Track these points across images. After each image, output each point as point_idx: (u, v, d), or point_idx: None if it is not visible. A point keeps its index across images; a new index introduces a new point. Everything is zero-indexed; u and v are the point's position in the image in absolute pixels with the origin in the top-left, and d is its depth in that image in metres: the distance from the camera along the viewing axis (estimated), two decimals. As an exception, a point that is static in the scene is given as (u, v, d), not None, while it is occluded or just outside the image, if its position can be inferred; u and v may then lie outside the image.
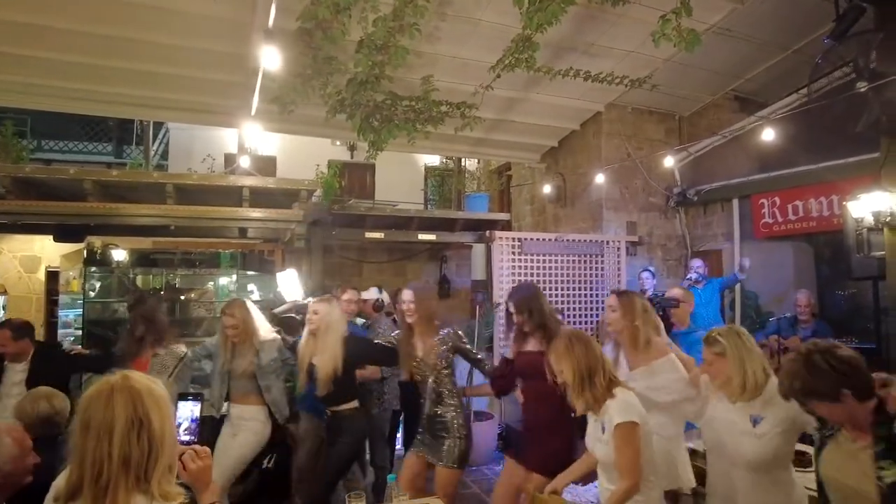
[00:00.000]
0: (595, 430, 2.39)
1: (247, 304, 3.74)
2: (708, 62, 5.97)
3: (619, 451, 2.22)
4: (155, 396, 1.41)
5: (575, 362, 2.34)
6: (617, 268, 6.64)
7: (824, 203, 5.67)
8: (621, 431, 2.22)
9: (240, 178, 4.83)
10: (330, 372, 3.21)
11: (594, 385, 2.31)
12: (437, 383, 3.20)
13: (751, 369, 2.30)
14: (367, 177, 8.61)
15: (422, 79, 5.23)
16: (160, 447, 1.37)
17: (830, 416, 1.86)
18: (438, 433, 3.16)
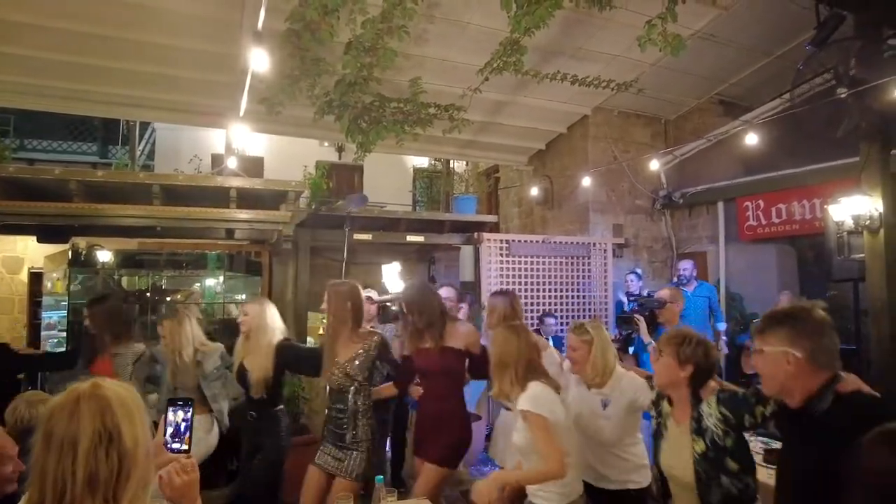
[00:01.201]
0: (515, 418, 2.51)
1: (179, 317, 3.56)
2: (693, 67, 6.04)
3: (533, 438, 2.34)
4: (127, 406, 1.26)
5: (499, 351, 2.49)
6: (604, 269, 6.69)
7: (807, 206, 5.76)
8: (528, 420, 2.35)
9: (227, 179, 4.81)
10: (261, 374, 3.16)
11: (506, 375, 2.44)
12: (357, 391, 3.04)
13: (608, 358, 2.70)
14: (355, 178, 8.61)
15: (410, 81, 5.24)
16: (132, 463, 1.22)
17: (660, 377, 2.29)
18: (345, 446, 3.00)
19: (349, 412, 3.00)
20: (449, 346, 3.10)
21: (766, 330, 1.81)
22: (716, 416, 2.07)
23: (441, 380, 3.12)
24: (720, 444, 2.04)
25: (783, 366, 1.73)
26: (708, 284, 6.18)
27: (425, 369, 3.18)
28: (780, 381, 1.77)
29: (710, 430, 2.07)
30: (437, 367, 3.08)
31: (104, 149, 12.67)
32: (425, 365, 3.15)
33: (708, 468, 2.06)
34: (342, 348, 3.04)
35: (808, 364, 1.70)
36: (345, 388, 3.01)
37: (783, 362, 1.73)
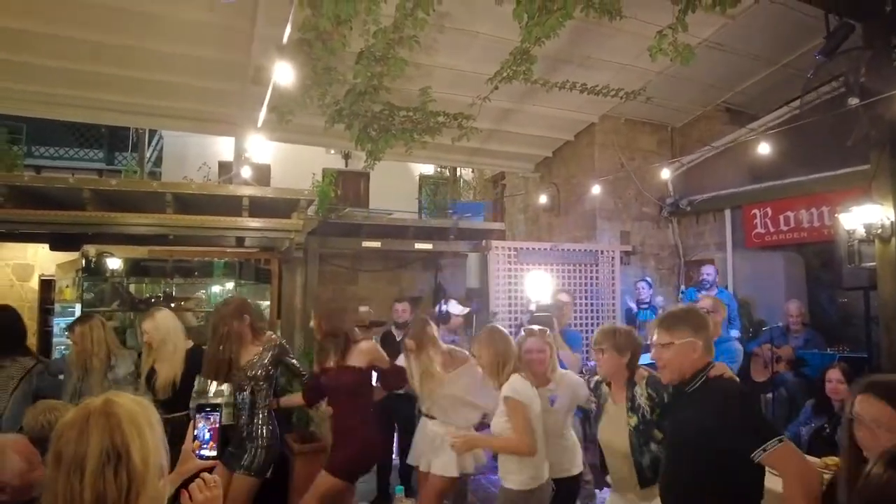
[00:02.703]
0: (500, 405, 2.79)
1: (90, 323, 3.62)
2: (700, 75, 6.07)
3: (512, 420, 2.67)
4: (138, 424, 1.22)
5: (493, 351, 2.82)
6: (611, 277, 6.70)
7: (815, 214, 5.77)
8: (507, 405, 2.69)
9: (239, 188, 4.83)
10: (169, 377, 3.39)
11: (503, 369, 2.79)
12: (255, 392, 3.26)
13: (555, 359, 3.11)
14: (362, 185, 8.65)
15: (420, 90, 5.27)
16: (141, 483, 1.19)
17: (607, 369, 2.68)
18: (244, 442, 3.22)
19: (247, 410, 3.25)
20: (350, 364, 3.24)
21: (674, 327, 2.13)
22: (645, 396, 2.56)
23: (341, 397, 3.27)
24: (649, 418, 2.51)
25: (690, 354, 2.08)
26: (726, 291, 6.17)
27: (328, 387, 3.34)
28: (683, 367, 2.10)
29: (641, 408, 2.56)
30: (336, 385, 3.25)
31: (111, 155, 12.75)
32: (327, 383, 3.32)
33: (640, 438, 2.51)
34: (244, 353, 3.28)
35: (683, 349, 2.08)
36: (244, 388, 3.26)
37: (690, 351, 2.08)
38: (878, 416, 1.54)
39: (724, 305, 4.07)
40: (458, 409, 3.31)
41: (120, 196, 4.46)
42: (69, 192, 4.25)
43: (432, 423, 3.39)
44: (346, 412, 3.27)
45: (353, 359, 3.25)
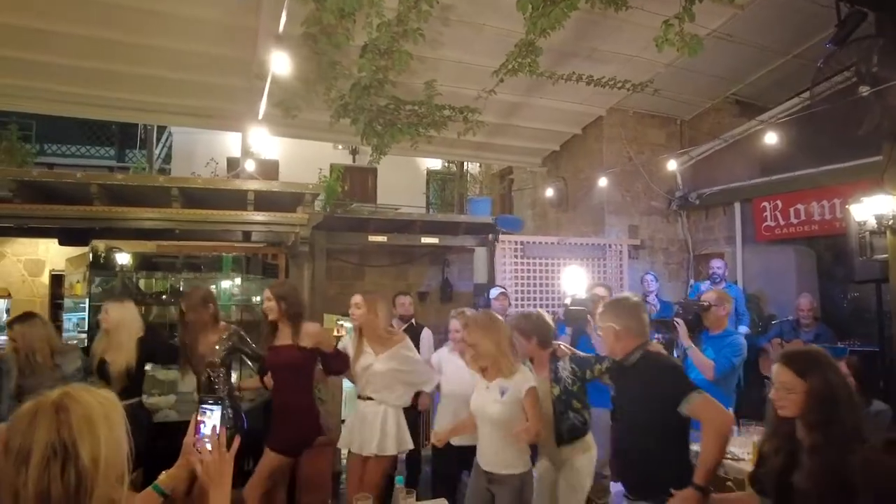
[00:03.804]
0: (492, 393, 2.81)
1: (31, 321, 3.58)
2: (709, 67, 5.99)
3: (532, 407, 2.74)
4: (91, 420, 1.15)
5: (497, 336, 2.83)
6: (619, 271, 6.66)
7: (826, 206, 5.69)
8: (531, 395, 2.76)
9: (245, 182, 4.85)
10: (123, 367, 3.48)
11: (508, 356, 2.82)
12: (211, 380, 3.40)
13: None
14: (369, 180, 8.65)
15: (425, 83, 5.26)
16: (92, 483, 1.11)
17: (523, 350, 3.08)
18: None
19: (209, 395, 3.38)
20: (297, 344, 3.34)
21: (603, 314, 2.66)
22: (568, 370, 3.06)
23: (283, 374, 3.37)
24: (570, 390, 3.02)
25: (612, 334, 2.56)
26: (736, 286, 6.11)
27: (274, 365, 3.43)
28: (610, 344, 2.60)
29: (563, 380, 3.05)
30: (283, 363, 3.35)
31: (121, 153, 12.86)
32: (274, 361, 3.42)
33: (561, 406, 2.99)
34: (202, 341, 3.44)
35: (624, 333, 2.53)
36: (201, 374, 3.42)
37: (612, 332, 2.56)
38: (785, 381, 1.86)
39: (729, 299, 4.02)
40: (392, 388, 3.42)
41: (127, 191, 4.49)
42: (77, 187, 4.28)
43: (366, 404, 3.46)
44: (285, 389, 3.38)
45: (299, 339, 3.35)
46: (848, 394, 1.81)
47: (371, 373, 3.40)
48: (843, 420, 1.75)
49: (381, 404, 3.41)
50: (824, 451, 1.73)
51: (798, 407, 1.82)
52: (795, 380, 1.84)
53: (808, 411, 1.80)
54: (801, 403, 1.82)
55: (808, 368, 1.84)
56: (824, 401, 1.78)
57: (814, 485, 1.74)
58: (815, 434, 1.77)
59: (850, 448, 1.67)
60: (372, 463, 3.36)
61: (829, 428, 1.74)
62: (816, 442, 1.76)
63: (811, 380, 1.81)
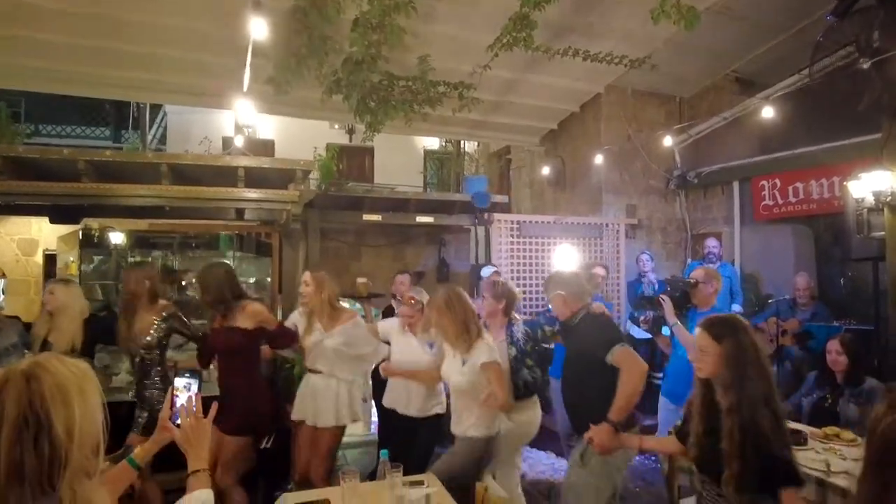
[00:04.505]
0: (455, 363, 3.02)
1: None
2: (708, 43, 5.89)
3: (494, 381, 2.91)
4: (64, 391, 1.13)
5: (453, 316, 2.96)
6: (616, 250, 6.62)
7: (825, 185, 5.62)
8: (490, 369, 2.92)
9: (235, 159, 4.79)
10: (66, 350, 3.41)
11: (469, 332, 2.97)
12: (144, 361, 3.43)
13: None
14: (366, 160, 8.56)
15: (418, 58, 5.16)
16: (66, 454, 1.10)
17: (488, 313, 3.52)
18: (141, 408, 3.43)
19: (139, 376, 3.46)
20: (236, 325, 3.30)
21: (548, 287, 3.11)
22: (522, 332, 3.46)
23: (228, 358, 3.35)
24: (524, 349, 3.41)
25: (561, 301, 2.99)
26: (730, 265, 6.08)
27: (215, 347, 3.43)
28: (560, 309, 3.02)
29: (518, 341, 3.42)
30: (224, 346, 3.34)
31: (117, 133, 12.76)
32: (214, 344, 3.42)
33: (517, 365, 3.34)
34: (138, 321, 3.43)
35: (568, 298, 2.98)
36: (135, 354, 3.44)
37: (560, 299, 2.99)
38: (703, 345, 2.06)
39: (717, 277, 3.99)
40: (342, 362, 3.51)
41: (115, 167, 4.44)
42: (64, 164, 4.23)
43: (316, 377, 3.53)
44: (230, 371, 3.37)
45: (239, 320, 3.32)
46: (757, 357, 1.97)
47: (321, 348, 3.49)
48: (751, 380, 1.92)
49: (332, 377, 3.50)
50: (738, 411, 1.90)
51: (713, 368, 2.02)
52: (711, 343, 2.03)
53: (721, 372, 1.99)
54: (715, 365, 2.01)
55: (723, 333, 2.02)
56: (735, 362, 1.95)
57: (730, 443, 1.89)
58: (730, 394, 1.94)
59: (759, 407, 1.88)
60: (322, 433, 3.46)
61: (741, 388, 1.91)
62: (731, 402, 1.93)
63: (725, 343, 1.99)
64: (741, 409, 1.90)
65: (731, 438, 1.89)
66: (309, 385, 3.57)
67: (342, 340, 3.48)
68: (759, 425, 1.85)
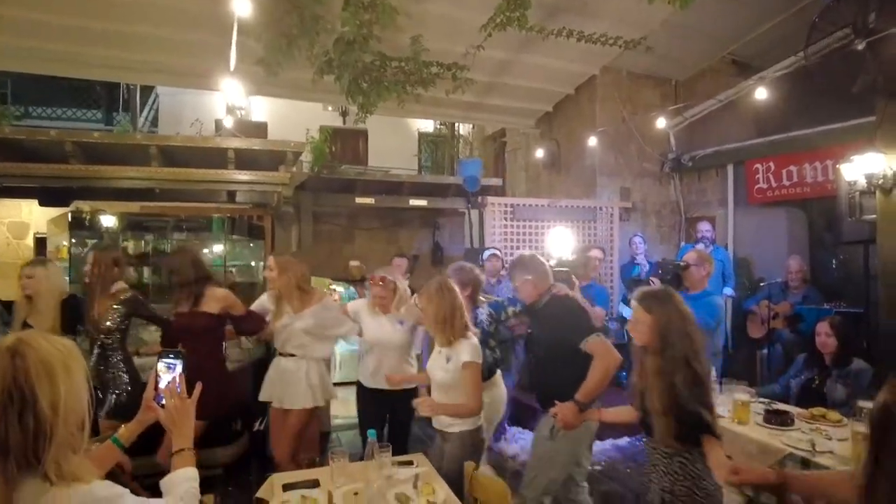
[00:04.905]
0: (439, 359, 2.94)
1: None
2: (705, 24, 5.82)
3: (467, 383, 2.80)
4: (49, 367, 1.16)
5: (437, 306, 2.90)
6: (609, 233, 6.61)
7: (819, 168, 5.61)
8: (470, 369, 2.81)
9: (225, 140, 4.74)
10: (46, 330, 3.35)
11: (453, 326, 2.89)
12: (105, 345, 3.44)
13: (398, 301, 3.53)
14: (360, 143, 8.50)
15: (411, 38, 5.09)
16: (51, 429, 1.13)
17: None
18: (106, 391, 3.44)
19: (102, 360, 3.45)
20: (202, 310, 3.34)
21: (513, 272, 3.20)
22: (486, 314, 3.55)
23: (193, 341, 3.30)
24: (488, 331, 3.49)
25: (529, 285, 3.10)
26: (723, 249, 6.08)
27: (179, 331, 3.42)
28: (528, 293, 3.13)
29: (482, 322, 3.46)
30: (187, 329, 3.35)
31: (108, 116, 12.59)
32: (179, 327, 3.41)
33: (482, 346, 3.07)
34: (99, 304, 3.43)
35: (535, 281, 3.10)
36: (96, 338, 3.44)
37: (529, 283, 3.10)
38: (637, 316, 2.25)
39: (710, 260, 3.99)
40: (313, 344, 3.53)
41: (104, 149, 4.39)
42: (52, 146, 4.18)
43: (287, 360, 3.55)
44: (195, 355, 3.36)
45: (205, 305, 3.35)
46: (683, 325, 2.15)
47: (291, 331, 3.50)
48: (675, 344, 2.12)
49: (303, 359, 3.52)
50: (661, 373, 2.12)
51: (645, 336, 2.22)
52: (644, 314, 2.23)
53: (651, 340, 2.19)
54: (647, 333, 2.21)
55: (654, 305, 2.23)
56: (662, 330, 2.16)
57: (656, 402, 2.12)
58: (657, 358, 2.15)
59: (680, 368, 2.08)
60: (294, 414, 3.48)
61: (665, 352, 2.13)
62: (657, 365, 2.15)
63: (655, 314, 2.20)
64: (664, 371, 2.12)
65: (656, 397, 2.13)
66: (279, 368, 3.58)
67: (313, 322, 3.50)
68: (679, 385, 2.07)
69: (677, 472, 2.15)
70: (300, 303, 3.51)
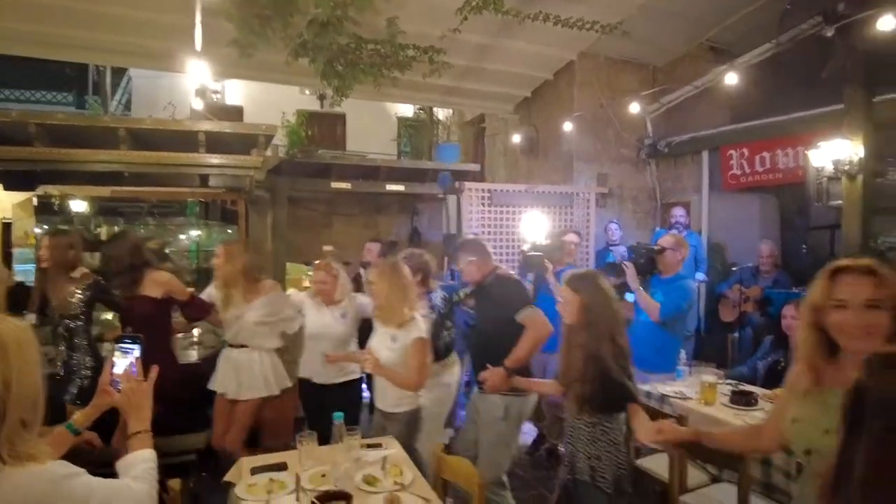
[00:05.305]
0: (384, 338, 3.00)
1: None
2: (683, 9, 5.83)
3: (414, 357, 2.90)
4: (2, 343, 1.17)
5: (389, 283, 2.96)
6: (586, 219, 6.65)
7: (791, 154, 5.69)
8: (419, 344, 2.91)
9: (195, 123, 4.65)
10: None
11: (404, 306, 2.95)
12: (69, 330, 3.40)
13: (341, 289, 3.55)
14: (338, 127, 8.41)
15: (387, 21, 5.02)
16: (4, 405, 1.15)
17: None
18: (72, 376, 3.41)
19: (65, 345, 3.40)
20: (145, 294, 3.31)
21: (459, 255, 3.33)
22: (440, 297, 3.64)
23: (139, 327, 3.22)
24: (443, 313, 3.58)
25: (473, 266, 3.26)
26: (696, 234, 6.16)
27: (128, 317, 3.41)
28: (473, 273, 3.27)
29: (437, 306, 3.59)
30: (135, 314, 3.32)
31: (80, 99, 12.28)
32: (127, 313, 3.41)
33: (436, 328, 3.46)
34: (59, 290, 3.38)
35: (478, 263, 3.25)
36: (58, 323, 3.40)
37: (473, 265, 3.25)
38: (566, 296, 2.49)
39: (686, 245, 4.04)
40: (264, 334, 3.50)
41: (70, 132, 4.28)
42: (14, 127, 4.07)
43: (238, 350, 3.52)
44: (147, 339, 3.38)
45: (147, 289, 3.31)
46: (607, 304, 2.41)
47: (242, 322, 3.45)
48: (599, 322, 2.35)
49: (255, 350, 3.50)
50: (586, 346, 2.35)
51: (573, 315, 2.44)
52: (572, 294, 2.46)
53: (578, 318, 2.41)
54: (574, 312, 2.43)
55: (580, 286, 2.47)
56: (588, 308, 2.39)
57: (581, 372, 2.35)
58: (583, 334, 2.38)
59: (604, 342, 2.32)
60: (245, 404, 3.47)
61: (590, 328, 2.36)
62: (583, 340, 2.37)
63: (581, 294, 2.43)
64: (589, 345, 2.34)
65: (581, 368, 2.35)
66: (230, 359, 3.54)
67: (264, 312, 3.46)
68: (603, 357, 2.30)
69: (600, 438, 2.37)
70: (246, 292, 3.45)
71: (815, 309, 1.53)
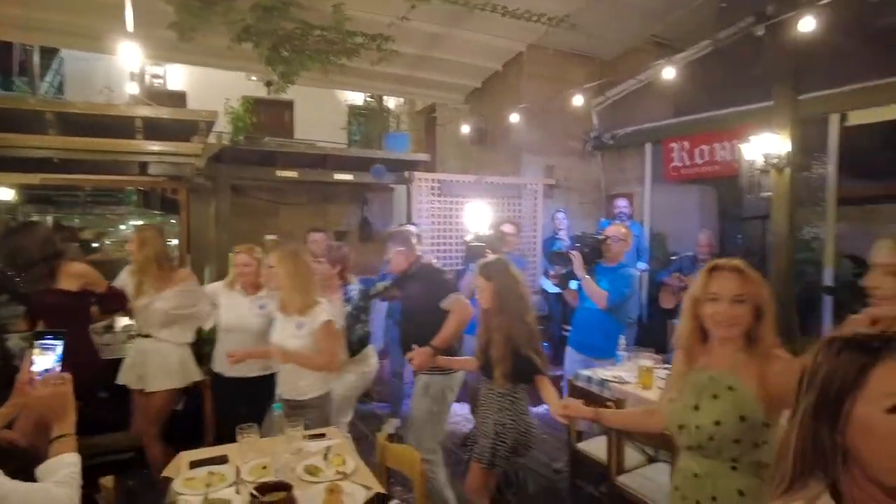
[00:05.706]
0: (288, 327, 2.93)
1: None
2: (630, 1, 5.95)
3: (324, 340, 2.88)
4: None
5: (290, 269, 2.91)
6: (534, 210, 6.75)
7: (728, 148, 5.93)
8: (328, 327, 2.90)
9: (131, 108, 4.45)
10: None
11: (309, 291, 2.93)
12: None
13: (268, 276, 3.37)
14: (285, 114, 8.24)
15: (333, 6, 4.94)
16: None
17: None
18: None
19: None
20: (59, 287, 3.18)
21: (389, 244, 3.52)
22: (357, 290, 3.79)
23: (54, 319, 3.15)
24: (359, 305, 3.75)
25: (401, 256, 3.46)
26: (638, 224, 6.35)
27: (41, 311, 3.25)
28: (400, 263, 3.48)
29: (353, 299, 3.74)
30: (48, 307, 3.17)
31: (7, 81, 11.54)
32: (39, 306, 3.23)
33: (352, 320, 3.66)
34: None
35: (405, 252, 3.47)
36: None
37: (400, 255, 3.46)
38: (480, 284, 2.75)
39: (630, 234, 4.17)
40: (173, 326, 3.43)
41: (-10, 114, 4.03)
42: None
43: (147, 341, 3.44)
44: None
45: (62, 282, 3.18)
46: (517, 288, 2.69)
47: (151, 311, 3.37)
48: (511, 305, 2.64)
49: (163, 342, 3.41)
50: (501, 327, 2.62)
51: (487, 300, 2.70)
52: (485, 282, 2.71)
53: (492, 302, 2.67)
54: (488, 298, 2.69)
55: (492, 274, 2.71)
56: (500, 294, 2.66)
57: (497, 349, 2.62)
58: (498, 316, 2.65)
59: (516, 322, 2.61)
60: (156, 396, 3.39)
61: (504, 310, 2.65)
62: (498, 322, 2.65)
63: (493, 281, 2.69)
64: (503, 326, 2.62)
65: (498, 346, 2.62)
66: (138, 349, 3.44)
67: (175, 303, 3.38)
68: (516, 335, 2.60)
69: (507, 407, 2.68)
70: (158, 280, 3.36)
71: (695, 301, 1.74)
